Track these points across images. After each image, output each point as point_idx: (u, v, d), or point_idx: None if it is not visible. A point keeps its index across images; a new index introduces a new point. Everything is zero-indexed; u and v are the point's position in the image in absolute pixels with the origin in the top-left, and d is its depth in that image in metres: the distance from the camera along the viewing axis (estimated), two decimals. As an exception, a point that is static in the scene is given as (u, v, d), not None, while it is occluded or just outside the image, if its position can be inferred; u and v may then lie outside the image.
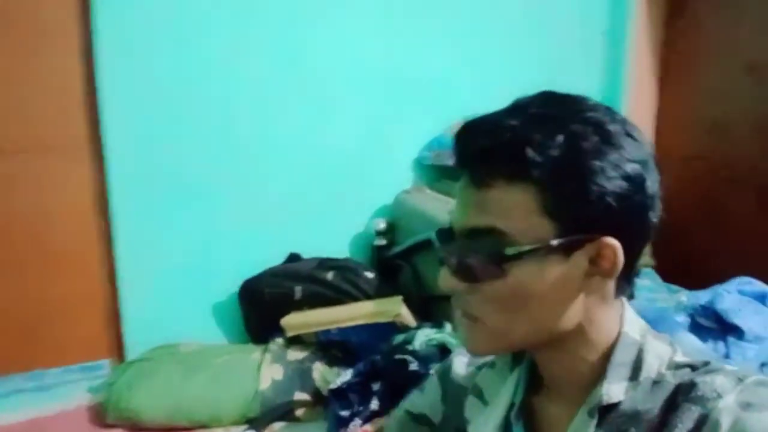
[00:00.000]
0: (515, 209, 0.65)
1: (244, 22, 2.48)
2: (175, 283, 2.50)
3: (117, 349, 2.53)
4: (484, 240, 0.66)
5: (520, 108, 0.68)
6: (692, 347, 1.61)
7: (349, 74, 2.67)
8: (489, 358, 0.86)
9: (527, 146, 0.64)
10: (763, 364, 1.70)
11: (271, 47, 2.53)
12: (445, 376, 0.92)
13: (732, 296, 1.84)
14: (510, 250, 0.65)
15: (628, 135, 0.67)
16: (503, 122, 0.66)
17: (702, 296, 1.92)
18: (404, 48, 2.74)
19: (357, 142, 2.72)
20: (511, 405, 0.79)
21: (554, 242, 0.65)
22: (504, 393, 0.80)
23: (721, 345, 1.74)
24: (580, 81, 2.99)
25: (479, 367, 0.88)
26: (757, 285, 1.93)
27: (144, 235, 2.45)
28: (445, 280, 0.71)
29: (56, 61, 2.32)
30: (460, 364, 0.91)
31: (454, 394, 0.89)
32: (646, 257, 2.49)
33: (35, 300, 2.38)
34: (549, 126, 0.65)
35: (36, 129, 2.33)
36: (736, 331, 1.75)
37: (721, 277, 2.05)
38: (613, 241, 0.65)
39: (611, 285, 0.70)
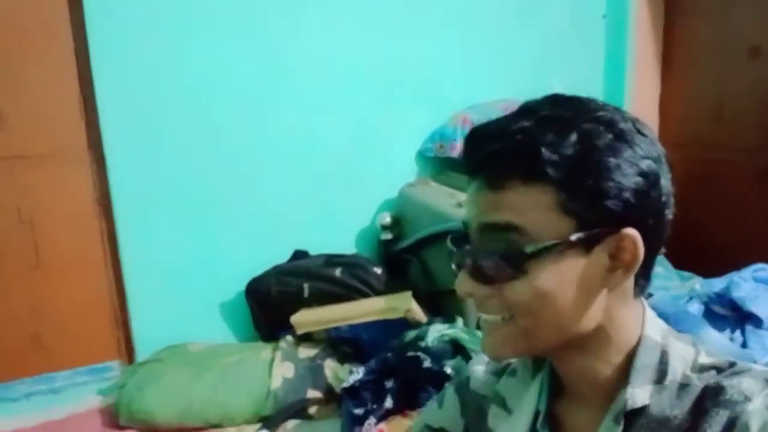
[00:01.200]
0: (533, 208, 0.64)
1: (239, 24, 2.45)
2: (182, 283, 2.49)
3: (126, 350, 2.54)
4: (501, 238, 0.65)
5: (529, 111, 0.67)
6: (717, 345, 1.58)
7: (346, 68, 2.64)
8: (507, 365, 0.85)
9: (541, 146, 0.63)
10: (781, 352, 1.68)
11: (267, 47, 2.51)
12: (462, 388, 0.91)
13: (748, 283, 1.82)
14: (529, 248, 0.64)
15: (640, 132, 0.67)
16: (513, 125, 0.66)
17: (716, 284, 1.89)
18: (400, 40, 2.71)
19: (358, 137, 2.70)
20: (536, 413, 0.77)
21: (573, 237, 0.64)
22: (528, 400, 0.78)
23: (738, 333, 1.72)
24: (581, 67, 2.96)
25: (497, 375, 0.86)
26: (772, 271, 1.90)
27: (148, 237, 2.44)
28: (463, 285, 0.70)
29: (51, 67, 2.30)
30: (478, 372, 0.89)
31: (474, 405, 0.88)
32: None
33: (43, 304, 2.38)
34: (561, 126, 0.64)
35: (36, 137, 2.32)
36: (754, 319, 1.73)
37: (727, 261, 2.03)
38: (632, 232, 0.65)
39: (631, 282, 0.69)
